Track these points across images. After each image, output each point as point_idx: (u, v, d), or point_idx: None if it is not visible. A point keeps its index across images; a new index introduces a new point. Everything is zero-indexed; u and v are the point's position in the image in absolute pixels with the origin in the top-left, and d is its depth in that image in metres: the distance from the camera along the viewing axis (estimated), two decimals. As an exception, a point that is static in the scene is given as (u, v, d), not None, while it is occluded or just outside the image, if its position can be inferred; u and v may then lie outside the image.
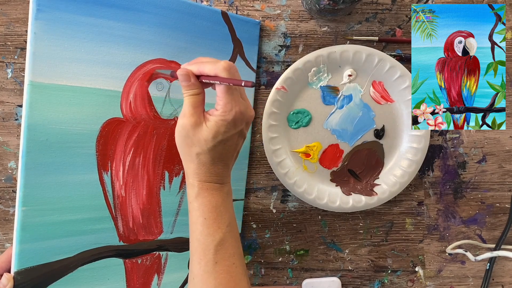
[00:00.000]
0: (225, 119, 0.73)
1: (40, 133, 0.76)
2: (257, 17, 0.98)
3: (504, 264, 1.04)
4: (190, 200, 0.77)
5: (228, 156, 0.78)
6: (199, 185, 0.76)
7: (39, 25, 0.75)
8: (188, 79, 0.74)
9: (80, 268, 0.82)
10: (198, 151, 0.74)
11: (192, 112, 0.74)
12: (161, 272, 0.91)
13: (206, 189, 0.76)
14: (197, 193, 0.76)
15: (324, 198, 0.99)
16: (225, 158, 0.78)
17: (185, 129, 0.74)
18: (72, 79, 0.79)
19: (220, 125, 0.73)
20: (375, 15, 1.00)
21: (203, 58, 0.79)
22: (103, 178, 0.83)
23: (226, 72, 0.71)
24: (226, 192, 0.79)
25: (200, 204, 0.76)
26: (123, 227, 0.86)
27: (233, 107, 0.73)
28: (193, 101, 0.75)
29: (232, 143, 0.77)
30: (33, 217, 0.76)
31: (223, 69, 0.71)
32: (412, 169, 0.98)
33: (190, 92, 0.75)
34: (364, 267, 1.03)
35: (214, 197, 0.76)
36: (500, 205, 1.03)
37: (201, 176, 0.76)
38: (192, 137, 0.74)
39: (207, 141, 0.73)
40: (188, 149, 0.75)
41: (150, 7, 0.85)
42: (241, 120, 0.75)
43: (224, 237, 0.76)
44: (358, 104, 0.99)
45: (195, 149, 0.74)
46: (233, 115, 0.73)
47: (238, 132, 0.77)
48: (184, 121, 0.74)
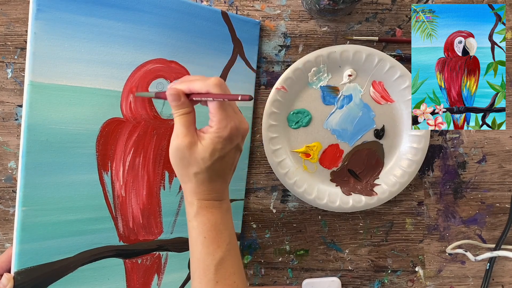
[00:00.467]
0: (220, 136, 0.72)
1: (40, 133, 0.76)
2: (257, 17, 0.98)
3: (504, 264, 1.04)
4: (189, 219, 0.77)
5: (226, 172, 0.77)
6: (198, 203, 0.75)
7: (39, 25, 0.75)
8: (178, 99, 0.73)
9: (80, 268, 0.82)
10: (196, 171, 0.73)
11: (185, 133, 0.73)
12: (161, 272, 0.91)
13: (206, 207, 0.75)
14: (196, 212, 0.75)
15: (324, 198, 0.99)
16: (223, 174, 0.77)
17: (180, 150, 0.72)
18: (72, 79, 0.79)
19: (216, 142, 0.72)
20: (375, 15, 1.00)
21: (191, 77, 0.78)
22: (103, 178, 0.83)
23: (218, 88, 0.70)
24: (226, 208, 0.78)
25: (199, 223, 0.75)
26: (123, 227, 0.86)
27: (228, 123, 0.72)
28: (184, 120, 0.73)
29: (229, 158, 0.76)
30: (33, 217, 0.76)
31: (215, 85, 0.70)
32: (412, 169, 0.98)
33: (181, 111, 0.73)
34: (364, 267, 1.03)
35: (213, 215, 0.76)
36: (500, 205, 1.03)
37: (200, 195, 0.75)
38: (188, 157, 0.72)
39: (204, 160, 0.72)
40: (185, 170, 0.74)
41: (150, 7, 0.85)
42: (237, 135, 0.74)
43: (224, 255, 0.75)
44: (358, 104, 0.99)
45: (192, 169, 0.73)
46: (229, 131, 0.72)
47: (234, 147, 0.76)
48: (178, 142, 0.72)
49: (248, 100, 0.65)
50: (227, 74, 0.94)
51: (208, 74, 0.90)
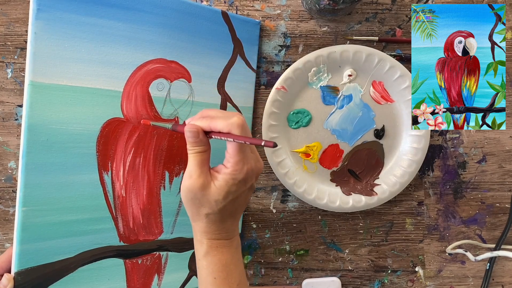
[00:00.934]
0: (235, 178, 0.71)
1: (41, 133, 0.76)
2: (257, 17, 0.98)
3: (504, 264, 1.04)
4: (199, 257, 0.76)
5: (238, 212, 0.77)
6: (208, 243, 0.74)
7: (40, 25, 0.75)
8: (196, 136, 0.71)
9: (81, 269, 0.82)
10: (208, 212, 0.72)
11: (199, 173, 0.71)
12: (161, 272, 0.91)
13: (216, 247, 0.74)
14: (206, 251, 0.74)
15: (324, 198, 0.99)
16: (235, 214, 0.76)
17: (192, 192, 0.71)
18: (73, 79, 0.79)
19: (231, 184, 0.71)
20: (375, 15, 1.00)
21: (211, 112, 0.75)
22: (103, 178, 0.83)
23: (240, 128, 0.69)
24: (235, 246, 0.78)
25: (209, 262, 0.74)
26: (123, 227, 0.86)
27: (244, 164, 0.71)
28: (199, 159, 0.72)
29: (242, 199, 0.76)
30: (34, 218, 0.76)
31: (237, 126, 0.68)
32: (412, 169, 0.98)
33: (196, 149, 0.72)
34: (364, 267, 1.03)
35: (223, 254, 0.75)
36: (500, 205, 1.03)
37: (210, 235, 0.74)
38: (200, 198, 0.71)
39: (217, 202, 0.71)
40: (196, 210, 0.73)
41: (150, 7, 0.85)
42: (251, 176, 0.73)
43: None
44: (358, 104, 0.99)
45: (204, 209, 0.72)
46: (245, 173, 0.71)
47: (248, 187, 0.75)
48: (191, 182, 0.71)
49: (272, 147, 0.64)
50: (227, 74, 0.94)
51: (209, 74, 0.91)
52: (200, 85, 0.91)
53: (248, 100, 0.97)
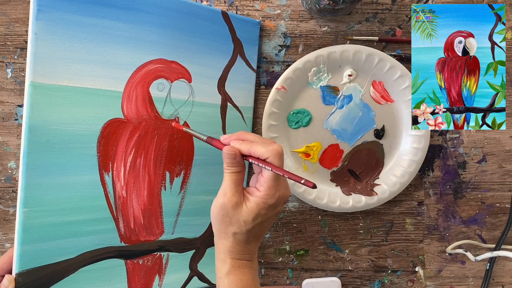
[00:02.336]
0: (267, 203, 0.73)
1: (41, 134, 0.76)
2: (257, 17, 0.98)
3: (504, 264, 1.04)
4: (220, 276, 0.76)
5: (262, 235, 0.78)
6: (232, 262, 0.75)
7: (40, 26, 0.75)
8: (233, 158, 0.73)
9: (82, 269, 0.82)
10: (236, 231, 0.74)
11: (233, 191, 0.73)
12: (162, 273, 0.91)
13: (239, 267, 0.75)
14: (229, 271, 0.75)
15: (324, 198, 0.99)
16: (260, 237, 0.78)
17: (225, 209, 0.73)
18: (73, 79, 0.79)
19: (262, 208, 0.73)
20: (375, 15, 1.00)
21: (249, 135, 0.77)
22: (104, 179, 0.83)
23: (278, 157, 0.71)
24: (255, 268, 0.79)
25: (231, 282, 0.75)
26: (124, 228, 0.86)
27: (276, 191, 0.73)
28: (235, 178, 0.74)
29: (269, 223, 0.77)
30: (35, 218, 0.76)
31: (277, 154, 0.71)
32: (412, 169, 0.98)
33: (232, 169, 0.74)
34: (364, 267, 1.03)
35: (245, 275, 0.76)
36: (500, 205, 1.03)
37: (234, 254, 0.75)
38: (231, 216, 0.73)
39: (246, 222, 0.73)
40: (224, 227, 0.75)
41: (150, 7, 0.85)
42: (281, 202, 0.75)
43: None
44: (358, 104, 0.99)
45: (232, 228, 0.74)
46: (276, 199, 0.73)
47: (276, 213, 0.76)
48: (225, 200, 0.73)
49: (312, 187, 0.66)
50: (227, 74, 0.94)
51: (209, 74, 0.91)
52: (200, 85, 0.91)
53: (248, 100, 0.97)
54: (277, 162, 0.71)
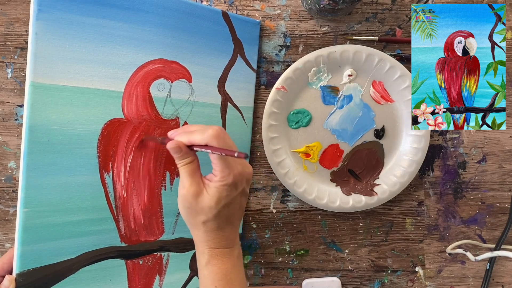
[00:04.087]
0: (225, 183, 0.73)
1: (42, 134, 0.76)
2: (257, 17, 0.98)
3: (504, 264, 1.04)
4: (200, 268, 0.77)
5: (234, 218, 0.78)
6: (209, 252, 0.76)
7: (40, 26, 0.75)
8: (179, 151, 0.74)
9: (82, 270, 0.82)
10: (204, 219, 0.74)
11: (190, 182, 0.74)
12: (163, 273, 0.91)
13: (217, 255, 0.76)
14: (207, 261, 0.76)
15: (324, 198, 0.99)
16: (232, 220, 0.78)
17: (187, 200, 0.74)
18: (73, 79, 0.79)
19: (222, 190, 0.73)
20: (375, 15, 1.00)
21: (191, 126, 0.78)
22: (104, 179, 0.83)
23: (216, 139, 0.71)
24: (236, 255, 0.79)
25: (210, 272, 0.76)
26: (124, 228, 0.85)
27: (231, 170, 0.73)
28: (189, 169, 0.75)
29: (236, 204, 0.77)
30: (35, 219, 0.76)
31: (213, 138, 0.71)
32: (412, 169, 0.98)
33: (184, 161, 0.75)
34: (364, 267, 1.03)
35: (224, 263, 0.76)
36: (500, 205, 1.03)
37: (211, 243, 0.76)
38: (195, 206, 0.74)
39: (211, 208, 0.73)
40: (193, 219, 0.75)
41: (150, 7, 0.85)
42: (241, 180, 0.76)
43: None
44: (358, 104, 0.99)
45: (200, 217, 0.74)
46: (232, 178, 0.74)
47: (240, 192, 0.77)
48: (184, 192, 0.74)
49: (243, 158, 0.66)
50: (227, 74, 0.94)
51: (209, 74, 0.92)
52: (200, 85, 0.91)
53: (248, 100, 0.97)
54: (216, 143, 0.71)
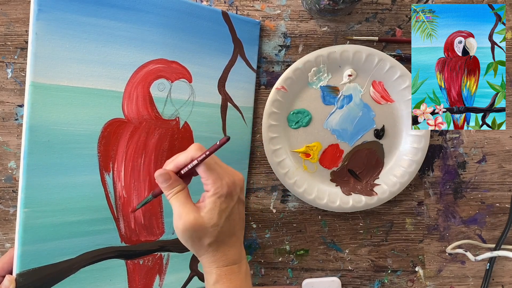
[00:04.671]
0: (221, 195, 0.73)
1: (42, 134, 0.76)
2: (257, 17, 0.98)
3: (504, 264, 1.04)
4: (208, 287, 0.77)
5: (236, 229, 0.78)
6: (217, 271, 0.75)
7: (40, 26, 0.75)
8: (168, 178, 0.74)
9: (82, 270, 0.82)
10: (209, 241, 0.74)
11: (186, 211, 0.73)
12: (163, 273, 0.91)
13: (225, 274, 0.75)
14: (216, 280, 0.75)
15: (324, 198, 0.99)
16: (234, 231, 0.78)
17: (188, 230, 0.73)
18: (74, 79, 0.79)
19: (219, 202, 0.73)
20: (375, 15, 1.00)
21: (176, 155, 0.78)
22: (105, 179, 0.83)
23: (198, 150, 0.73)
24: (244, 272, 0.78)
25: None
26: (125, 228, 0.86)
27: (223, 180, 0.73)
28: (180, 198, 0.74)
29: (236, 214, 0.77)
30: (35, 219, 0.76)
31: (195, 149, 0.73)
32: (412, 169, 0.98)
33: (174, 191, 0.75)
34: (364, 267, 1.03)
35: (232, 282, 0.75)
36: (500, 205, 1.03)
37: (218, 263, 0.75)
38: (198, 232, 0.73)
39: (214, 226, 0.73)
40: (198, 244, 0.75)
41: (151, 7, 0.85)
42: (235, 189, 0.75)
43: None
44: (358, 104, 0.99)
45: (205, 240, 0.74)
46: (226, 188, 0.74)
47: (236, 201, 0.77)
48: (182, 222, 0.73)
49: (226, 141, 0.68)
50: (227, 74, 0.94)
51: (209, 74, 0.92)
52: (200, 85, 0.91)
53: (248, 100, 0.97)
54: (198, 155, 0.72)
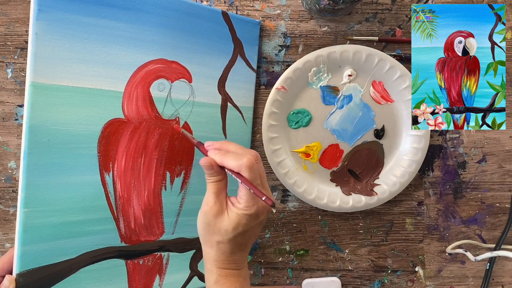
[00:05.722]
0: (247, 214, 0.73)
1: (42, 134, 0.76)
2: (257, 17, 0.98)
3: (504, 264, 1.04)
4: (209, 286, 0.77)
5: (247, 244, 0.79)
6: (218, 271, 0.76)
7: (40, 26, 0.75)
8: (210, 168, 0.74)
9: (82, 270, 0.82)
10: (219, 240, 0.74)
11: (214, 200, 0.74)
12: (163, 273, 0.91)
13: (225, 275, 0.76)
14: (216, 280, 0.76)
15: (324, 198, 0.99)
16: (245, 247, 0.78)
17: (207, 218, 0.74)
18: (74, 79, 0.79)
19: (242, 218, 0.73)
20: (375, 15, 1.00)
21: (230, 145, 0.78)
22: (104, 179, 0.83)
23: (249, 171, 0.71)
24: (244, 276, 0.79)
25: None
26: (125, 228, 0.85)
27: (255, 202, 0.73)
28: (215, 187, 0.75)
29: (252, 233, 0.77)
30: (35, 219, 0.76)
31: (246, 168, 0.71)
32: (412, 169, 0.98)
33: (212, 179, 0.75)
34: (364, 267, 1.03)
35: (232, 283, 0.76)
36: (500, 205, 1.03)
37: (220, 264, 0.76)
38: (213, 225, 0.74)
39: (227, 231, 0.73)
40: (209, 236, 0.76)
41: (150, 7, 0.85)
42: (262, 212, 0.75)
43: None
44: (358, 104, 0.99)
45: (215, 237, 0.75)
46: (255, 209, 0.74)
47: (258, 222, 0.77)
48: (207, 209, 0.74)
49: (271, 206, 0.68)
50: (227, 74, 0.94)
51: (209, 74, 0.92)
52: (200, 85, 0.91)
53: (248, 100, 0.97)
54: (247, 175, 0.71)
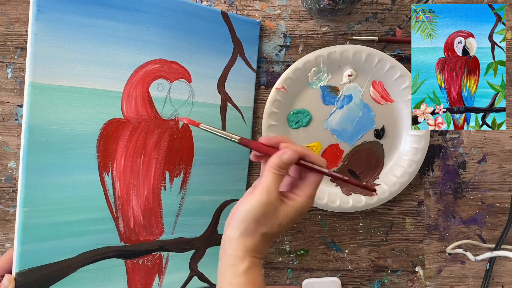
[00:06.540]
0: (304, 210, 0.73)
1: (41, 134, 0.76)
2: (257, 17, 0.98)
3: (504, 264, 1.04)
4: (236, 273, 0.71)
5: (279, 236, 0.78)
6: (251, 260, 0.71)
7: (40, 26, 0.75)
8: (293, 161, 0.72)
9: (82, 269, 0.82)
10: (266, 231, 0.71)
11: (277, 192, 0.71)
12: (162, 273, 0.91)
13: (258, 264, 0.72)
14: (247, 268, 0.71)
15: (324, 198, 0.98)
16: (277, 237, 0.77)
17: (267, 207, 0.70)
18: (73, 79, 0.79)
19: (298, 213, 0.72)
20: (375, 15, 1.00)
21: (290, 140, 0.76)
22: (104, 179, 0.83)
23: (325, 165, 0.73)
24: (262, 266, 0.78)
25: (249, 280, 0.71)
26: (124, 228, 0.86)
27: (313, 200, 0.74)
28: (279, 180, 0.72)
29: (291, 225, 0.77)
30: (34, 218, 0.76)
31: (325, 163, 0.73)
32: (412, 169, 0.98)
33: (281, 172, 0.72)
34: (364, 267, 1.03)
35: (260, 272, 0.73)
36: (500, 205, 1.03)
37: (255, 253, 0.72)
38: (269, 217, 0.70)
39: (280, 225, 0.71)
40: (255, 226, 0.70)
41: (150, 7, 0.85)
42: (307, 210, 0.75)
43: None
44: (358, 104, 0.99)
45: (263, 228, 0.70)
46: (308, 207, 0.73)
47: None
48: (270, 199, 0.70)
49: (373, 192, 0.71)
50: (227, 74, 0.94)
51: (209, 74, 0.92)
52: (200, 85, 0.91)
53: (248, 100, 0.97)
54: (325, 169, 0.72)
